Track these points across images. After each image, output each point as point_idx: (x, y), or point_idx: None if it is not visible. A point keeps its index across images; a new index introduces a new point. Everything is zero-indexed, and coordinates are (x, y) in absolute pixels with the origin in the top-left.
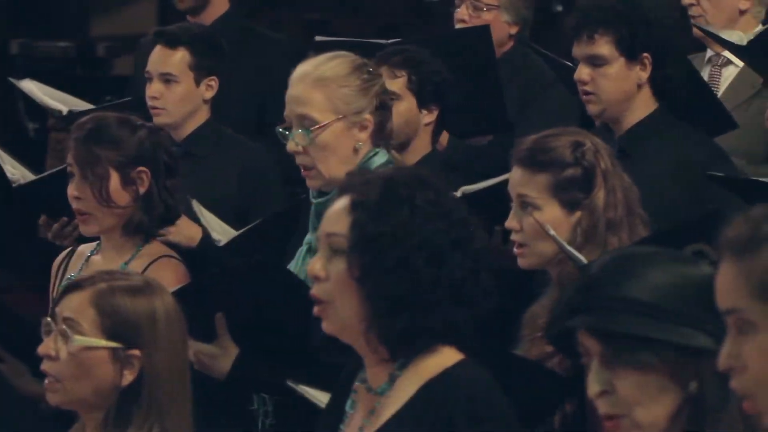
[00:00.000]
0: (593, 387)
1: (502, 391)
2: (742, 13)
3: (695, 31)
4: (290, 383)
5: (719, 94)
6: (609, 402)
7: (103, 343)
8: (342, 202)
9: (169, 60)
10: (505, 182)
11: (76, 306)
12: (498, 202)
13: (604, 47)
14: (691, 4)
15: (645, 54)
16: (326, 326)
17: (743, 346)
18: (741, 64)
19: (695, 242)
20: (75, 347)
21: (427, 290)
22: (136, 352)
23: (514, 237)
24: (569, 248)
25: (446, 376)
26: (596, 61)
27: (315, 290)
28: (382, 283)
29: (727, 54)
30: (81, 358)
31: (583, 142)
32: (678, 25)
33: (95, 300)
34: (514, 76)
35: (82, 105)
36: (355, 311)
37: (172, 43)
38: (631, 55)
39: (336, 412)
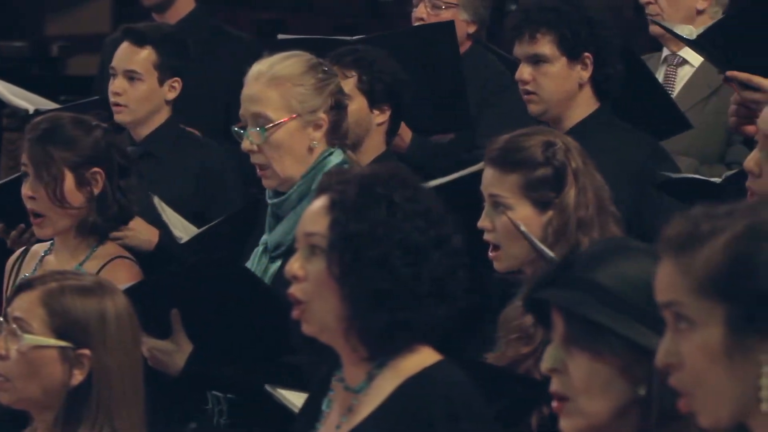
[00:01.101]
0: (546, 362)
1: (480, 392)
2: (699, 12)
3: (651, 29)
4: (268, 388)
5: (675, 94)
6: (559, 381)
7: (53, 342)
8: (320, 202)
9: (134, 58)
10: (454, 181)
11: (26, 305)
12: (446, 201)
13: (545, 47)
14: (648, 3)
15: (586, 53)
16: (306, 328)
17: (681, 343)
18: (697, 63)
19: None
20: (25, 346)
21: (407, 288)
22: (86, 351)
23: (486, 237)
24: (541, 245)
25: (424, 375)
26: (538, 61)
27: (293, 290)
28: (362, 281)
29: (682, 54)
30: (30, 357)
31: (555, 141)
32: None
33: (45, 299)
34: (472, 77)
35: (48, 104)
36: (334, 310)
37: (139, 41)
38: (572, 54)
39: (313, 410)
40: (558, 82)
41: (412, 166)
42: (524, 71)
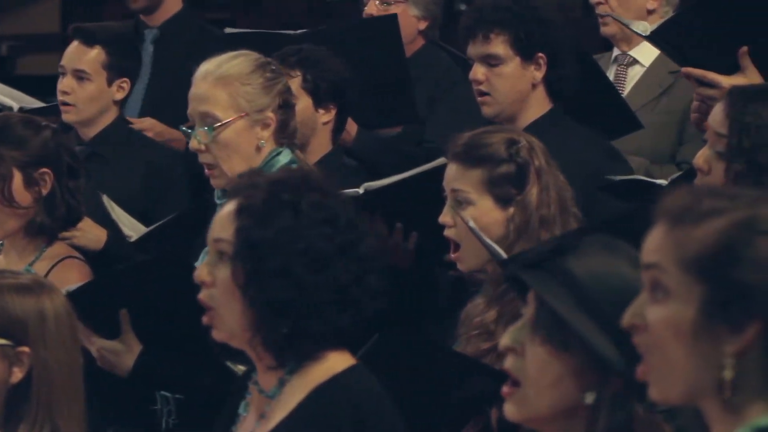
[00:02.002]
0: (505, 338)
1: (391, 400)
2: (650, 12)
3: (603, 30)
4: (229, 363)
5: (625, 93)
6: (514, 361)
7: None
8: (229, 207)
9: (83, 57)
10: (411, 179)
11: None
12: (400, 199)
13: (499, 47)
14: (599, 3)
15: (540, 54)
16: (216, 334)
17: (652, 309)
18: (647, 63)
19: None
20: None
21: (310, 296)
22: (26, 349)
23: (447, 233)
24: (489, 242)
25: (334, 382)
26: (491, 61)
27: (202, 295)
28: (265, 290)
29: (633, 53)
30: None
31: (518, 139)
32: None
33: None
34: (424, 74)
35: (35, 103)
36: (239, 318)
37: (88, 40)
38: (526, 54)
39: (230, 413)
40: (511, 83)
41: (358, 160)
42: (478, 71)
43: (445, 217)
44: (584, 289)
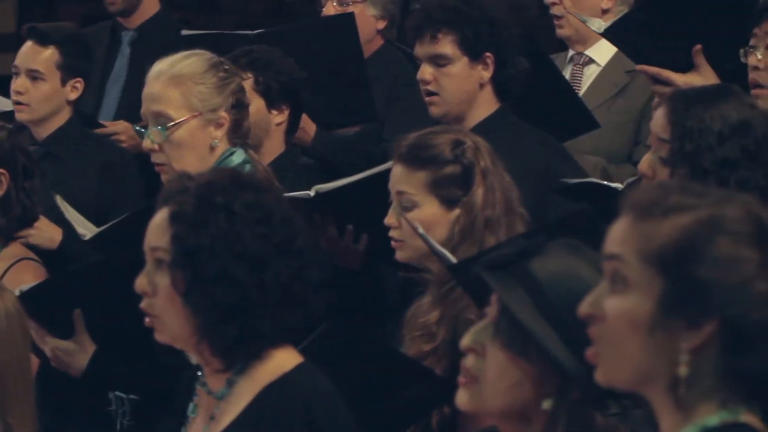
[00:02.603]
0: (466, 339)
1: (341, 398)
2: (604, 12)
3: (559, 32)
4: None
5: (581, 93)
6: (474, 360)
7: None
8: (162, 214)
9: (37, 57)
10: (362, 181)
11: None
12: (351, 201)
13: (447, 47)
14: (554, 3)
15: (488, 54)
16: (159, 337)
17: (610, 299)
18: (603, 62)
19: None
20: None
21: (253, 297)
22: None
23: (392, 234)
24: (439, 247)
25: (283, 381)
26: (439, 61)
27: (143, 305)
28: (206, 296)
29: (589, 53)
30: None
31: (464, 140)
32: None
33: None
34: (383, 73)
35: (6, 105)
36: (183, 325)
37: (42, 40)
38: (474, 54)
39: (178, 415)
40: (459, 82)
41: (317, 160)
42: (426, 71)
43: (390, 219)
44: (546, 294)
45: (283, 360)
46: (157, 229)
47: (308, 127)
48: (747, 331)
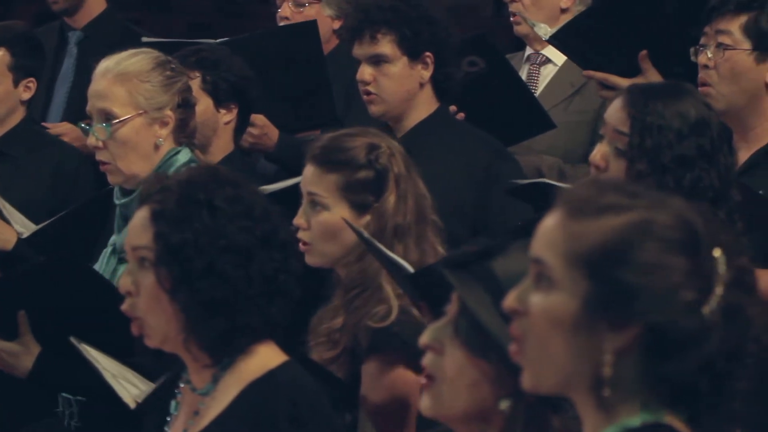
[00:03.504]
0: (425, 336)
1: (326, 394)
2: (563, 11)
3: (516, 29)
4: (73, 340)
5: (538, 92)
6: (432, 359)
7: None
8: (143, 213)
9: None
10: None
11: None
12: (296, 200)
13: (386, 47)
14: (512, 1)
15: (427, 53)
16: (148, 342)
17: (535, 295)
18: (560, 62)
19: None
20: None
21: (240, 291)
22: None
23: (300, 235)
24: (395, 257)
25: (269, 378)
26: (379, 61)
27: (126, 306)
28: (194, 292)
29: (545, 52)
30: None
31: (379, 144)
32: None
33: None
34: (340, 74)
35: None
36: (170, 322)
37: None
38: (413, 54)
39: (161, 413)
40: (399, 82)
41: (280, 165)
42: (365, 72)
43: (298, 220)
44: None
45: (269, 356)
46: (139, 228)
47: (271, 132)
48: (670, 337)
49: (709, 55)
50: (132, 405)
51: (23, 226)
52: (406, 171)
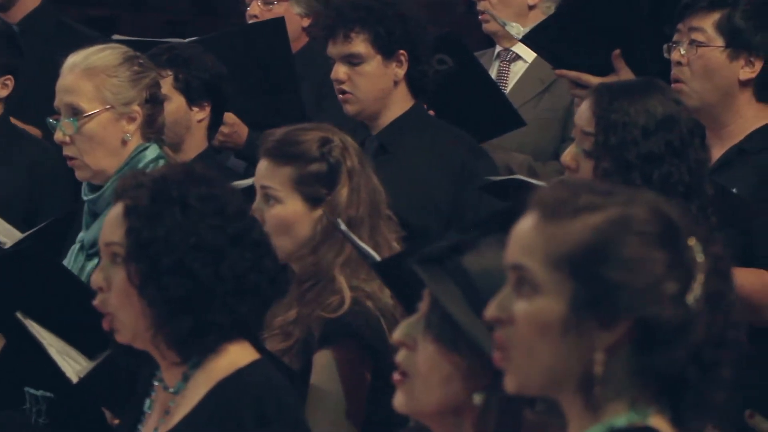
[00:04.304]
0: (397, 333)
1: (295, 393)
2: (531, 8)
3: (485, 27)
4: (19, 315)
5: (508, 90)
6: (405, 355)
7: None
8: (116, 210)
9: None
10: None
11: None
12: None
13: (360, 45)
14: None
15: (401, 51)
16: (119, 337)
17: (518, 303)
18: (530, 59)
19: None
20: None
21: (209, 289)
22: None
23: None
24: (362, 245)
25: (237, 376)
26: (353, 60)
27: (98, 301)
28: (163, 289)
29: (515, 49)
30: None
31: (332, 138)
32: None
33: None
34: (310, 71)
35: None
36: (140, 319)
37: None
38: (387, 52)
39: (135, 411)
40: (374, 81)
41: (250, 162)
42: (339, 71)
43: (254, 213)
44: (477, 289)
45: (239, 355)
46: (112, 224)
47: (240, 129)
48: (659, 330)
49: (682, 52)
50: (74, 379)
51: (5, 235)
52: (359, 165)
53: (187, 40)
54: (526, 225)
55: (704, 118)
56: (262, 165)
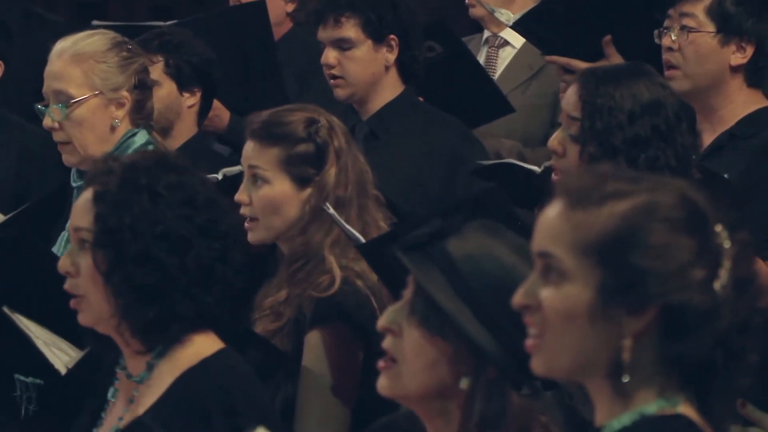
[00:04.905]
0: (383, 320)
1: (261, 382)
2: None
3: (472, 11)
4: (5, 309)
5: (496, 75)
6: (392, 341)
7: None
8: (86, 195)
9: None
10: None
11: None
12: None
13: (350, 30)
14: None
15: (392, 36)
16: (82, 318)
17: (545, 289)
18: (518, 45)
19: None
20: None
21: (175, 279)
22: None
23: (243, 211)
24: (347, 226)
25: (203, 366)
26: (343, 45)
27: (67, 285)
28: (127, 277)
29: (504, 35)
30: None
31: (318, 119)
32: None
33: None
34: (295, 56)
35: None
36: (105, 305)
37: None
38: (377, 37)
39: (99, 399)
40: (364, 66)
41: (232, 147)
42: (329, 55)
43: (241, 195)
44: (461, 274)
45: (204, 345)
46: (82, 210)
47: (222, 113)
48: (686, 317)
49: (673, 38)
50: (63, 371)
51: None
52: (346, 145)
53: (168, 22)
54: (552, 213)
55: (695, 103)
56: (249, 146)
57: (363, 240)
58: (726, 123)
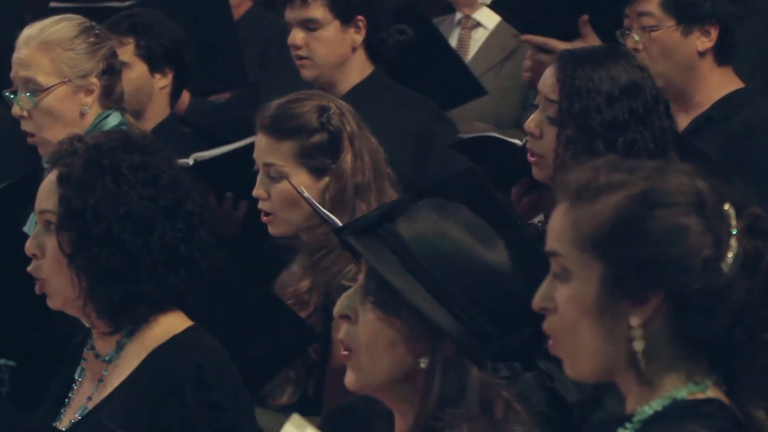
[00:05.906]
0: (337, 306)
1: (231, 359)
2: None
3: None
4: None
5: (469, 57)
6: (346, 330)
7: None
8: (51, 177)
9: None
10: (240, 149)
11: None
12: (230, 169)
13: (317, 10)
14: None
15: (359, 16)
16: (50, 302)
17: (557, 290)
18: (491, 26)
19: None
20: None
21: (139, 260)
22: None
23: (261, 206)
24: (323, 210)
25: (173, 343)
26: (310, 25)
27: (31, 268)
28: (92, 259)
29: (476, 16)
30: None
31: (329, 106)
32: None
33: None
34: (254, 36)
35: None
36: (70, 287)
37: None
38: (345, 17)
39: (65, 380)
40: (331, 47)
41: (193, 128)
42: (296, 36)
43: (258, 191)
44: (412, 253)
45: (172, 323)
46: (46, 192)
47: (183, 96)
48: (695, 299)
49: (636, 39)
50: None
51: None
52: (357, 128)
53: (126, 3)
54: (558, 212)
55: (671, 96)
56: (262, 141)
57: (340, 224)
58: (702, 106)
